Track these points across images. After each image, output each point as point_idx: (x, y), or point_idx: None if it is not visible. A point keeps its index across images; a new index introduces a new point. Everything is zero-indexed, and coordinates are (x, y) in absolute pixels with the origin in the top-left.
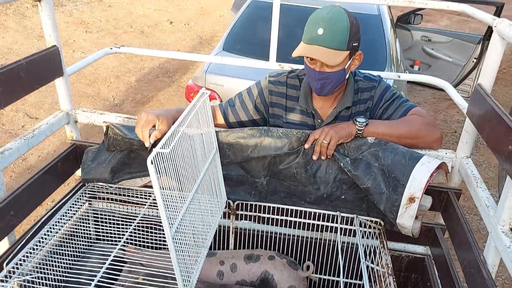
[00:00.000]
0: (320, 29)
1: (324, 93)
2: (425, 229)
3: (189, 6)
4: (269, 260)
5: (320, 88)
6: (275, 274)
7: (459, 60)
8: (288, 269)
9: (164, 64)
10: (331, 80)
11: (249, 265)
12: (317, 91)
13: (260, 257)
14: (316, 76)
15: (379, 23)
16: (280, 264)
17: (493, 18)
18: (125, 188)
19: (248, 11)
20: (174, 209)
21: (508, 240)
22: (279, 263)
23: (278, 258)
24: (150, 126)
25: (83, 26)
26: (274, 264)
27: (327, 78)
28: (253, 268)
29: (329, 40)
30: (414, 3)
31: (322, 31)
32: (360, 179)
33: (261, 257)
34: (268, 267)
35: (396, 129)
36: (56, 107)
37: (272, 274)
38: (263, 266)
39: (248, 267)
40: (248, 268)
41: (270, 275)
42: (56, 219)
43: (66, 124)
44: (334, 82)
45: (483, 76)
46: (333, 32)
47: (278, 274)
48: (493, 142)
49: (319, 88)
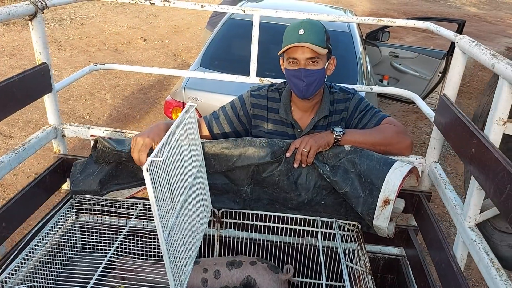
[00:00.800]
0: (300, 30)
1: (309, 93)
2: (399, 231)
3: (162, 23)
4: (251, 265)
5: (306, 86)
6: (257, 279)
7: (425, 74)
8: (269, 273)
9: (139, 81)
10: (315, 77)
11: (232, 271)
12: (302, 90)
13: (242, 263)
14: (302, 74)
15: (349, 40)
16: (262, 268)
17: (455, 35)
18: (112, 199)
19: (225, 29)
20: (166, 216)
21: (474, 234)
22: (261, 267)
23: (259, 263)
24: (147, 150)
25: (56, 44)
26: (256, 269)
27: (312, 75)
28: (236, 273)
29: (311, 37)
30: (383, 21)
31: (303, 31)
32: (338, 185)
33: (243, 263)
34: (250, 272)
35: (371, 137)
36: (30, 125)
37: (254, 278)
38: (245, 272)
39: (231, 273)
40: (231, 274)
41: (253, 279)
42: (46, 231)
43: (53, 138)
44: (317, 80)
45: (448, 87)
46: (313, 31)
47: (260, 278)
48: (458, 146)
49: (305, 86)
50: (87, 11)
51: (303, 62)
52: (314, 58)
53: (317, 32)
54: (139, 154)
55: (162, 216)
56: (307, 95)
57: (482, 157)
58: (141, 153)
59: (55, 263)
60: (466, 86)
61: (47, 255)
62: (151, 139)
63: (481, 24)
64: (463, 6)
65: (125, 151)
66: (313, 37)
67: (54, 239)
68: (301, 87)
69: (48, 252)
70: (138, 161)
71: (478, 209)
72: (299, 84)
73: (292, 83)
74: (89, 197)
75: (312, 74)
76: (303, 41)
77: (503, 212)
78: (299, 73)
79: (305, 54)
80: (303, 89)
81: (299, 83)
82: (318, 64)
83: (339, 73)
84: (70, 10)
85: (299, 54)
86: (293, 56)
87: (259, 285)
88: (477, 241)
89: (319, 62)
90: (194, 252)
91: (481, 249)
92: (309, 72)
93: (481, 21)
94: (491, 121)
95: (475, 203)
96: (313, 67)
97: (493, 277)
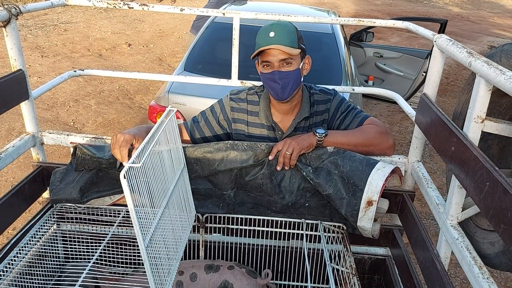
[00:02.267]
0: (271, 32)
1: (286, 95)
2: (384, 231)
3: (147, 28)
4: (229, 269)
5: (282, 88)
6: (235, 283)
7: (410, 74)
8: (247, 278)
9: (124, 86)
10: (290, 78)
11: (209, 275)
12: (278, 93)
13: (220, 267)
14: (276, 76)
15: (333, 41)
16: (239, 273)
17: (433, 34)
18: (93, 207)
19: (208, 32)
20: (146, 223)
21: (456, 233)
22: (238, 272)
23: (237, 267)
24: (128, 145)
25: (39, 50)
26: (234, 273)
27: (287, 77)
28: (213, 278)
29: (282, 38)
30: (363, 22)
31: (273, 34)
32: (322, 187)
33: (221, 267)
34: (227, 276)
35: (353, 138)
36: (13, 133)
37: (231, 283)
38: (223, 276)
39: (208, 277)
40: (208, 278)
41: (230, 284)
42: (25, 241)
43: (32, 146)
44: (292, 81)
45: (427, 86)
46: (283, 33)
47: (238, 283)
48: (438, 145)
49: (281, 88)
50: (70, 17)
51: (277, 64)
52: (286, 59)
53: (288, 33)
54: (120, 150)
55: (142, 223)
56: (284, 97)
57: (462, 155)
58: (122, 149)
59: (37, 274)
60: (450, 84)
61: (28, 266)
62: (131, 135)
63: (464, 23)
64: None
65: (105, 157)
66: (284, 39)
67: (35, 249)
68: (277, 90)
69: (29, 263)
70: (119, 158)
71: (460, 207)
72: (275, 87)
73: (268, 86)
74: (71, 205)
75: (287, 76)
76: (274, 43)
77: (483, 210)
78: (273, 75)
79: (277, 57)
80: (279, 91)
81: (274, 86)
82: (292, 65)
83: (323, 75)
84: (53, 16)
85: (271, 57)
86: (266, 59)
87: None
88: (459, 239)
89: (292, 63)
90: (178, 259)
91: (464, 248)
92: (283, 74)
93: (464, 20)
94: (470, 119)
95: (457, 202)
96: (287, 68)
97: (475, 275)
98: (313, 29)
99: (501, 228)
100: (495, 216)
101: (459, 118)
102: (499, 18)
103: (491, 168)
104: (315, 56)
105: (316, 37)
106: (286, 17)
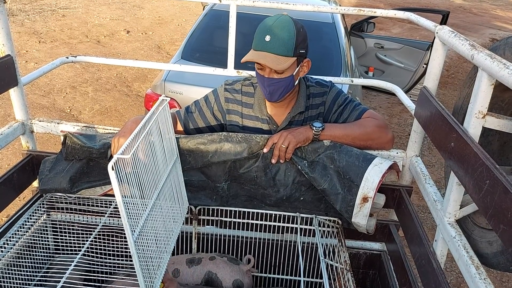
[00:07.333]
0: (267, 36)
1: (274, 99)
2: (380, 226)
3: (146, 15)
4: (211, 260)
5: (270, 94)
6: (218, 272)
7: (410, 66)
8: (229, 265)
9: (121, 74)
10: (279, 86)
11: (192, 268)
12: (267, 97)
13: (202, 259)
14: (265, 82)
15: (333, 31)
16: (221, 262)
17: (435, 25)
18: (84, 197)
19: (206, 20)
20: (135, 215)
21: (454, 231)
22: (220, 261)
23: (218, 257)
24: None
25: (36, 36)
26: (216, 263)
27: (276, 84)
28: (197, 270)
29: (276, 46)
30: (364, 12)
31: (269, 38)
32: (317, 181)
33: (203, 259)
34: (210, 267)
35: (351, 132)
36: (9, 119)
37: (215, 273)
38: (205, 268)
39: (191, 271)
40: (192, 272)
41: (214, 274)
42: (13, 232)
43: (21, 134)
44: (283, 88)
45: (428, 79)
46: (280, 39)
47: (221, 272)
48: (437, 140)
49: (269, 94)
50: (68, 2)
51: (268, 70)
52: None
53: (285, 40)
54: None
55: (131, 215)
56: (273, 100)
57: (461, 151)
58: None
59: (25, 265)
60: (451, 77)
61: (16, 257)
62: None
63: (466, 15)
64: None
65: (96, 147)
66: (279, 46)
67: (24, 240)
68: (266, 94)
69: (17, 254)
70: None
71: (457, 204)
72: (264, 90)
73: (259, 85)
74: (61, 195)
75: (277, 83)
76: (267, 50)
77: (482, 209)
78: (263, 80)
79: (268, 64)
80: (268, 96)
81: (264, 89)
82: (284, 73)
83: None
84: (51, 1)
85: (263, 62)
86: (258, 61)
87: (221, 278)
88: (456, 237)
89: (284, 72)
90: (169, 252)
91: (461, 246)
92: (273, 82)
93: (466, 12)
94: (470, 114)
95: (455, 199)
96: (279, 76)
97: (472, 275)
98: (313, 18)
99: (501, 229)
100: (495, 216)
101: (459, 113)
102: (501, 10)
103: (492, 166)
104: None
105: (316, 27)
106: (284, 6)
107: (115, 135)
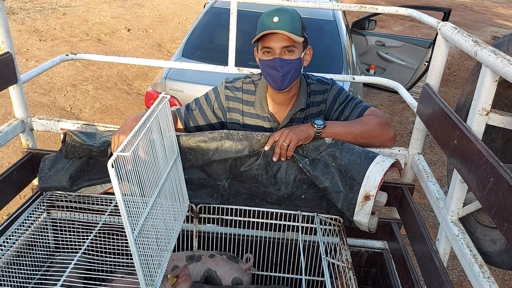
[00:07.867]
0: (275, 17)
1: (285, 85)
2: (382, 224)
3: (147, 13)
4: (210, 258)
5: (282, 76)
6: (218, 270)
7: (412, 63)
8: (229, 263)
9: (122, 72)
10: (291, 67)
11: (192, 265)
12: (278, 82)
13: (202, 257)
14: (277, 63)
15: (334, 28)
16: (221, 260)
17: (437, 22)
18: (84, 195)
19: (206, 18)
20: (136, 213)
21: (457, 229)
22: (220, 259)
23: (218, 255)
24: None
25: (37, 34)
26: (215, 261)
27: (288, 65)
28: (196, 267)
29: (286, 24)
30: (365, 8)
31: (277, 19)
32: (318, 179)
33: (202, 257)
34: (210, 265)
35: (353, 129)
36: (9, 117)
37: (214, 270)
38: (205, 265)
39: (191, 267)
40: (191, 268)
41: (213, 271)
42: (13, 230)
43: (21, 132)
44: (293, 70)
45: (430, 76)
46: (288, 19)
47: (221, 270)
48: (440, 138)
49: (281, 77)
50: (69, 1)
51: (278, 51)
52: (290, 46)
53: (292, 19)
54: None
55: (131, 213)
56: (283, 87)
57: (465, 149)
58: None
59: (25, 264)
60: (452, 75)
61: (17, 255)
62: None
63: (467, 13)
64: None
65: (96, 145)
66: (288, 24)
67: (24, 238)
68: (276, 78)
69: (18, 252)
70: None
71: (461, 202)
72: (274, 75)
73: (267, 74)
74: (61, 193)
75: (288, 64)
76: (278, 28)
77: (485, 207)
78: (274, 63)
79: (280, 43)
80: (279, 80)
81: (274, 74)
82: (294, 54)
83: (324, 63)
84: None
85: (274, 43)
86: (268, 45)
87: (220, 276)
88: (459, 236)
89: (295, 52)
90: (169, 250)
91: (464, 245)
92: (285, 62)
93: (468, 10)
94: (474, 111)
95: (458, 197)
96: (289, 56)
97: (476, 274)
98: (314, 15)
99: (505, 227)
100: (499, 214)
101: (462, 110)
102: (503, 8)
103: (496, 164)
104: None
105: (317, 24)
106: (286, 2)
107: (115, 133)
